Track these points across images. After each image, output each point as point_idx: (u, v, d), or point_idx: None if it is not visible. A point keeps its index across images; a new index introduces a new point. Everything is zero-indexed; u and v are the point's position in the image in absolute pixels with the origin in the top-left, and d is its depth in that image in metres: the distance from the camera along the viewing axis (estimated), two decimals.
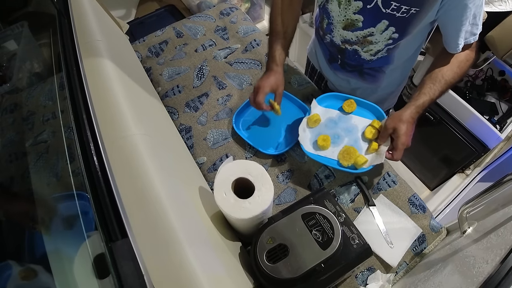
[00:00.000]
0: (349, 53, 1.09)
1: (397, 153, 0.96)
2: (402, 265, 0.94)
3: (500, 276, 0.56)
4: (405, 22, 0.91)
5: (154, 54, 1.43)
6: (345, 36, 1.04)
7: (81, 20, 0.99)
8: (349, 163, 1.00)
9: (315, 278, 0.73)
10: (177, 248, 0.58)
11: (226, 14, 1.54)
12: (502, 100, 1.87)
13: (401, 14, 0.88)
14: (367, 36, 0.99)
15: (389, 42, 0.98)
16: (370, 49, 1.03)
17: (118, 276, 0.49)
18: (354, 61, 1.11)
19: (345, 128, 1.08)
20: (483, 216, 0.83)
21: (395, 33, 0.95)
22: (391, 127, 0.96)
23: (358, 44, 1.03)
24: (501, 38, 1.53)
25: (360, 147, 1.03)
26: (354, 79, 1.20)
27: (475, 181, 1.90)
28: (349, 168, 1.00)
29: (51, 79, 0.99)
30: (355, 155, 1.00)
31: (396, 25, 0.93)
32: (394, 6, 0.87)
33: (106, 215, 0.55)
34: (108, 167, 0.62)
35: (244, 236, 0.91)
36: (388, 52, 1.04)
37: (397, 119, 0.96)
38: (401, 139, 0.94)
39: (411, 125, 0.96)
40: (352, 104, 1.10)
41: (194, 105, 1.26)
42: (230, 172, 0.78)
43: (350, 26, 0.99)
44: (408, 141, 0.95)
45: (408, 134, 0.96)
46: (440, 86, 0.96)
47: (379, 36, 0.97)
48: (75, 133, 0.68)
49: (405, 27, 0.92)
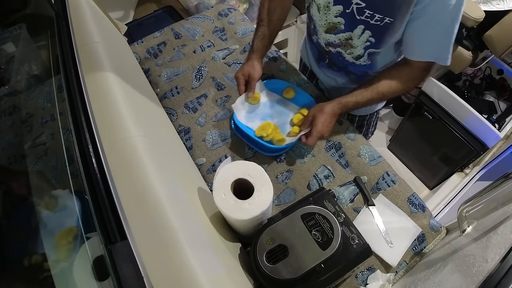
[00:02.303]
0: (334, 55, 1.10)
1: (310, 139, 1.01)
2: (402, 265, 0.94)
3: (500, 275, 0.56)
4: (380, 30, 0.92)
5: (152, 56, 1.43)
6: (328, 39, 1.05)
7: (79, 22, 0.99)
8: (263, 134, 1.07)
9: (315, 279, 0.73)
10: (177, 249, 0.58)
11: (224, 15, 1.54)
12: (501, 99, 1.88)
13: (375, 22, 0.90)
14: (348, 39, 1.00)
15: (367, 45, 0.99)
16: (352, 52, 1.04)
17: (117, 278, 0.49)
18: (339, 62, 1.13)
19: (278, 111, 1.18)
20: (482, 215, 0.83)
21: (372, 37, 0.96)
22: (311, 115, 1.03)
23: (340, 46, 1.05)
24: (499, 37, 1.53)
25: (284, 129, 1.13)
26: (341, 79, 1.21)
27: (474, 180, 1.90)
28: (267, 143, 1.07)
29: (49, 81, 0.99)
30: (273, 130, 1.09)
31: (371, 30, 0.94)
32: (368, 14, 0.89)
33: (105, 217, 0.55)
34: (107, 169, 0.62)
35: (243, 237, 0.91)
36: (371, 60, 1.04)
37: (319, 109, 1.03)
38: (317, 127, 1.00)
39: (331, 117, 1.02)
40: (291, 91, 1.19)
41: (193, 106, 1.26)
42: (229, 173, 0.78)
43: (333, 29, 1.01)
44: (324, 131, 1.01)
45: (325, 125, 1.01)
46: (371, 94, 1.00)
47: (357, 40, 0.99)
48: (74, 135, 0.68)
49: (381, 34, 0.94)
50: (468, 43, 1.63)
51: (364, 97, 1.01)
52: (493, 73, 1.93)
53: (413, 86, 1.02)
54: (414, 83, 1.00)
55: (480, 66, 1.81)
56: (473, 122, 1.70)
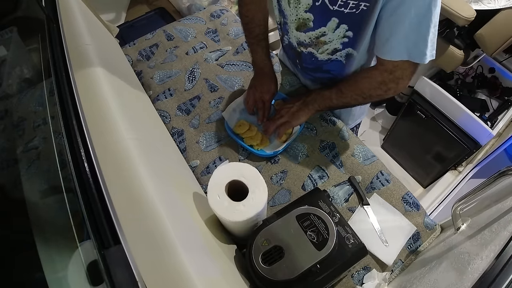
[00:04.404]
0: (305, 56, 1.05)
1: (268, 123, 1.09)
2: (397, 263, 0.94)
3: (495, 272, 0.56)
4: (356, 19, 0.83)
5: (144, 58, 1.42)
6: (298, 37, 0.99)
7: (70, 25, 0.98)
8: (238, 131, 1.13)
9: (311, 279, 0.73)
10: (171, 253, 0.57)
11: (216, 16, 1.54)
12: (493, 97, 1.89)
13: (350, 10, 0.81)
14: (319, 36, 0.93)
15: (345, 41, 0.92)
16: (326, 49, 0.97)
17: (112, 283, 0.48)
18: (311, 64, 1.07)
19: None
20: (476, 212, 0.83)
21: (349, 31, 0.88)
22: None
23: (312, 46, 0.99)
24: (491, 36, 1.54)
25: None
26: (317, 86, 1.20)
27: (467, 177, 1.92)
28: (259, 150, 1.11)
29: (41, 84, 0.98)
30: (248, 129, 1.13)
31: (347, 22, 0.86)
32: (341, 1, 0.80)
33: (98, 222, 0.55)
34: (99, 173, 0.61)
35: (239, 238, 0.90)
36: (347, 61, 1.00)
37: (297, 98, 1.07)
38: (280, 111, 1.07)
39: (296, 102, 1.07)
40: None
41: (186, 108, 1.25)
42: (224, 175, 0.78)
43: (302, 27, 0.94)
44: (285, 112, 1.07)
45: (288, 107, 1.07)
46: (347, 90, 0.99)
47: (332, 34, 0.91)
48: (66, 139, 0.67)
49: (358, 24, 0.85)
50: (460, 42, 1.64)
51: (336, 93, 0.99)
52: (484, 71, 1.95)
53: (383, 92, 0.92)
54: (384, 88, 0.91)
55: (471, 64, 1.82)
56: (466, 120, 1.71)
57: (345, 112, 1.25)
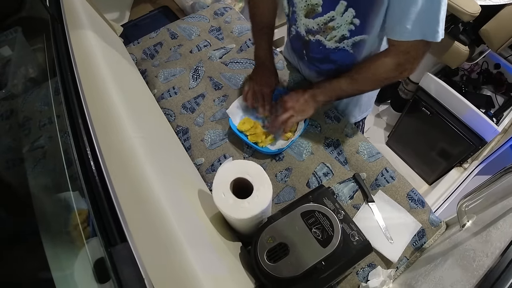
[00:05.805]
0: (313, 44, 1.05)
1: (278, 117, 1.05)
2: (402, 260, 0.94)
3: (500, 269, 0.56)
4: (364, 4, 0.85)
5: (149, 56, 1.43)
6: (307, 24, 1.00)
7: (74, 24, 0.99)
8: (243, 129, 1.12)
9: (316, 276, 0.73)
10: (177, 250, 0.58)
11: (220, 14, 1.54)
12: (498, 93, 1.88)
13: None
14: (327, 22, 0.94)
15: (352, 28, 0.92)
16: (334, 36, 0.98)
17: (118, 281, 0.49)
18: (319, 53, 1.07)
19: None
20: (482, 209, 0.83)
21: (356, 18, 0.89)
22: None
23: (320, 33, 0.99)
24: (496, 32, 1.53)
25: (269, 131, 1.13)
26: (324, 73, 1.18)
27: (473, 174, 1.90)
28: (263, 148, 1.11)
29: (46, 84, 0.99)
30: (252, 126, 1.13)
31: (355, 6, 0.86)
32: None
33: (105, 220, 0.55)
34: (105, 171, 0.61)
35: (244, 236, 0.91)
36: (355, 50, 1.00)
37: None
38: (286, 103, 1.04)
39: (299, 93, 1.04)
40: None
41: (191, 106, 1.25)
42: (228, 172, 0.78)
43: (311, 13, 0.95)
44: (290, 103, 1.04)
45: (293, 99, 1.04)
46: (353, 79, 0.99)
47: (340, 19, 0.91)
48: (72, 138, 0.68)
49: (365, 9, 0.86)
50: (465, 38, 1.63)
51: (346, 80, 0.99)
52: (490, 67, 1.93)
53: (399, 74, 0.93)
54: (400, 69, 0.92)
55: (477, 60, 1.81)
56: (471, 116, 1.70)
57: (352, 105, 1.25)
